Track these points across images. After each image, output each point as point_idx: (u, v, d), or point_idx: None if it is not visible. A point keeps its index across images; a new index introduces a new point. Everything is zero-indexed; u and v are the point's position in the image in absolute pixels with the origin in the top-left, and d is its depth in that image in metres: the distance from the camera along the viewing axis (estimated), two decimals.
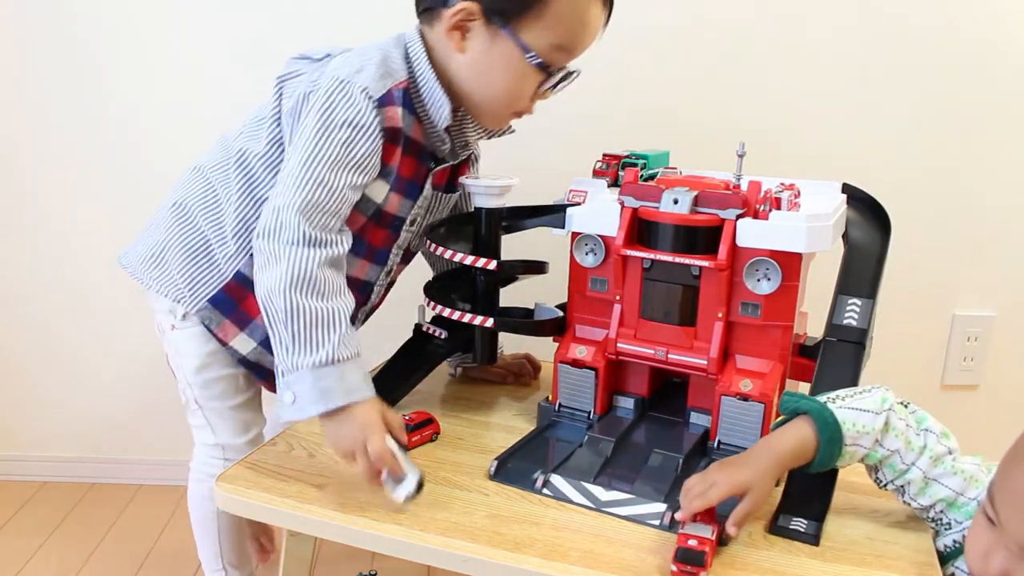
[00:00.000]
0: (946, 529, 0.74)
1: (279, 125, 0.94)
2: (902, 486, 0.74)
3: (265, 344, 0.95)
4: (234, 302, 0.95)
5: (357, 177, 0.85)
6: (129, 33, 1.33)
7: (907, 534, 0.74)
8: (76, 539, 1.32)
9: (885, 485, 0.75)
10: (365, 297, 0.99)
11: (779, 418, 0.76)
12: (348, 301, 0.83)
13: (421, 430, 0.88)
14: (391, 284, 1.05)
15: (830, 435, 0.71)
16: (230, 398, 1.00)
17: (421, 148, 0.92)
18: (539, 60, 0.87)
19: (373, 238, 0.94)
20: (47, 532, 1.33)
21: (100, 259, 1.41)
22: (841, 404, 0.73)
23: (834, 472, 0.76)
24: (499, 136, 1.00)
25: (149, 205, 1.28)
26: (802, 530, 0.72)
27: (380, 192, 0.91)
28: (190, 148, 1.36)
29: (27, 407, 1.48)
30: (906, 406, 0.75)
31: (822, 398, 0.74)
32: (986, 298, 1.49)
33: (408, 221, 0.95)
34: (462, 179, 0.95)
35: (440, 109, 0.90)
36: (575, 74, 0.92)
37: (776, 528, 0.73)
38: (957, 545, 0.72)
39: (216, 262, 0.96)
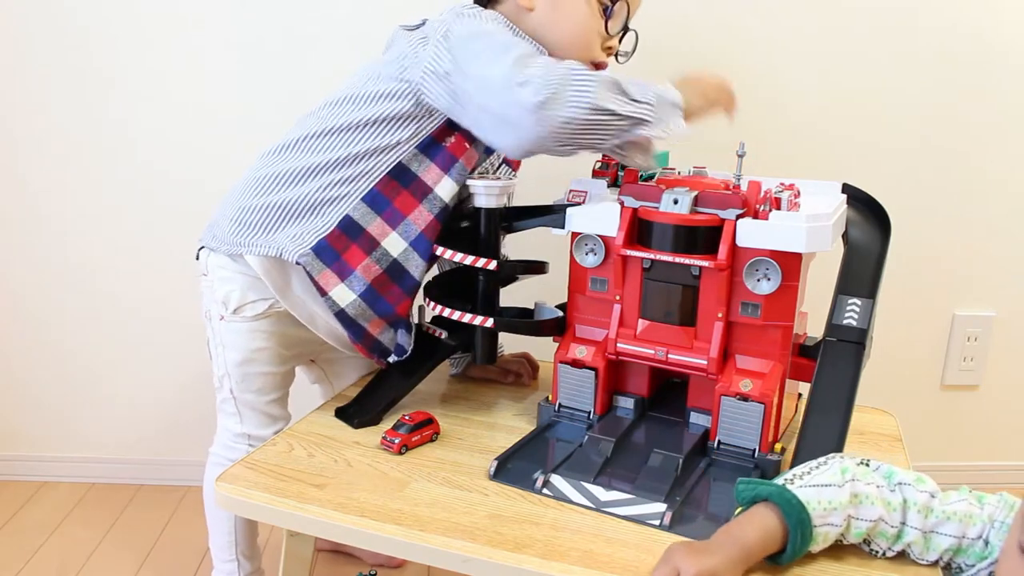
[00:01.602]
0: (959, 572, 0.70)
1: (397, 100, 0.91)
2: (903, 550, 0.69)
3: (366, 297, 0.93)
4: (336, 252, 0.92)
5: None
6: (129, 32, 1.33)
7: None
8: (76, 539, 1.32)
9: (885, 554, 0.69)
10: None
11: (738, 509, 0.70)
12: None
13: (421, 430, 0.88)
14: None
15: (797, 517, 0.65)
16: (265, 394, 1.01)
17: None
18: None
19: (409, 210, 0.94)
20: (47, 532, 1.33)
21: (100, 259, 1.41)
22: (800, 484, 0.67)
23: None
24: None
25: (150, 205, 1.28)
26: None
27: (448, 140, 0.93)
28: (190, 148, 1.37)
29: (27, 407, 1.48)
30: (867, 464, 0.71)
31: (779, 480, 0.69)
32: (986, 298, 1.49)
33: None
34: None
35: None
36: (633, 36, 0.99)
37: None
38: None
39: (322, 212, 0.93)
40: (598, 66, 0.96)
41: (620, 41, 0.98)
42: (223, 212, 0.99)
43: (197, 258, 1.02)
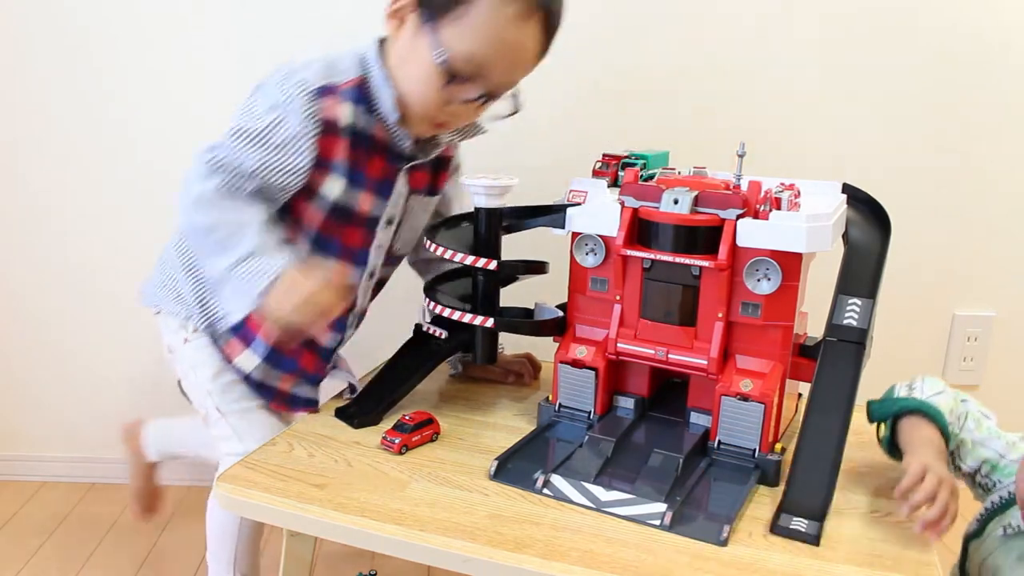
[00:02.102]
0: (993, 487, 0.81)
1: None
2: (952, 451, 0.81)
3: (269, 360, 0.98)
4: (240, 320, 0.95)
5: (274, 157, 0.89)
6: (129, 32, 1.33)
7: (907, 534, 0.74)
8: (76, 539, 1.32)
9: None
10: (350, 301, 1.00)
11: (880, 427, 0.84)
12: (255, 213, 0.87)
13: (421, 430, 0.88)
14: (379, 286, 1.06)
15: (944, 422, 0.81)
16: (249, 399, 1.01)
17: (386, 146, 0.94)
18: (443, 59, 0.87)
19: (347, 238, 0.96)
20: (47, 532, 1.33)
21: (100, 259, 1.41)
22: (924, 396, 0.83)
23: (835, 472, 0.76)
24: (471, 136, 1.02)
25: (150, 205, 1.28)
26: (802, 530, 0.72)
27: (334, 188, 0.92)
28: (191, 148, 1.36)
29: (27, 407, 1.48)
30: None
31: (901, 393, 0.84)
32: (986, 298, 1.49)
33: (383, 221, 0.97)
34: (463, 180, 0.95)
35: (386, 102, 0.91)
36: (518, 99, 0.93)
37: (776, 528, 0.73)
38: (1003, 500, 0.79)
39: None
40: (440, 125, 0.95)
41: (483, 104, 0.92)
42: (155, 271, 1.07)
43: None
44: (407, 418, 0.88)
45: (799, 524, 0.73)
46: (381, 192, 0.95)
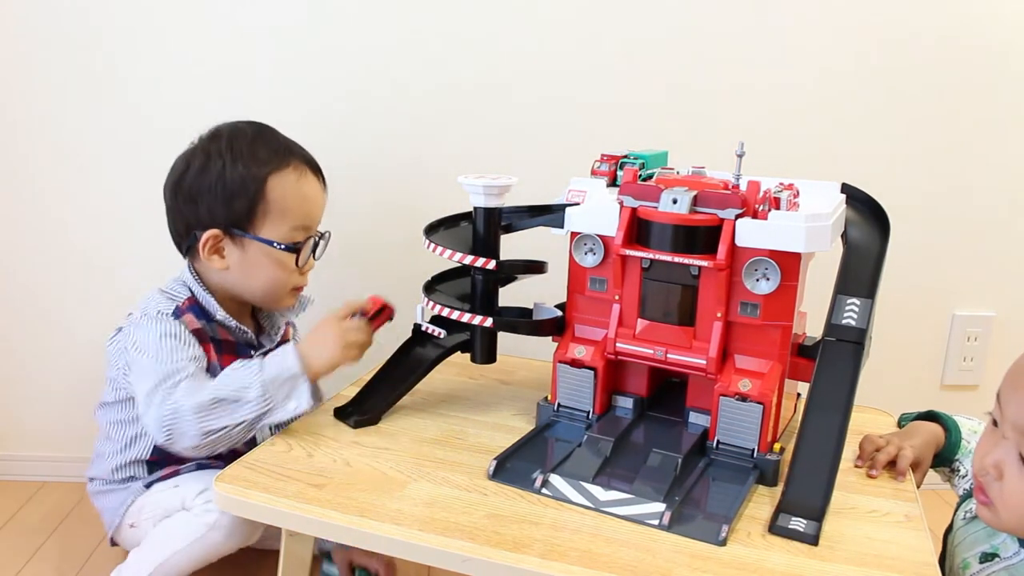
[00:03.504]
0: (962, 478, 0.88)
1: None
2: (957, 458, 0.89)
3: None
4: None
5: (189, 349, 1.00)
6: (134, 32, 1.33)
7: (906, 534, 0.74)
8: (76, 539, 1.32)
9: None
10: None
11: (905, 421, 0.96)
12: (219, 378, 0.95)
13: (379, 318, 0.98)
14: None
15: (955, 423, 0.91)
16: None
17: (235, 345, 1.08)
18: (284, 246, 1.04)
19: None
20: (47, 532, 1.33)
21: (102, 259, 1.41)
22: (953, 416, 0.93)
23: (833, 472, 0.76)
24: (303, 310, 1.17)
25: (152, 205, 1.28)
26: (801, 530, 0.72)
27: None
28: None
29: (27, 407, 1.48)
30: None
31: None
32: (986, 298, 1.49)
33: None
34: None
35: (218, 313, 1.06)
36: (327, 235, 1.11)
37: (775, 528, 0.73)
38: (966, 491, 0.85)
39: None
40: (299, 289, 1.11)
41: (315, 253, 1.10)
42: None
43: None
44: (364, 312, 0.97)
45: (798, 524, 0.73)
46: None
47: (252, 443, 0.92)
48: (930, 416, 0.93)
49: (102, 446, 1.14)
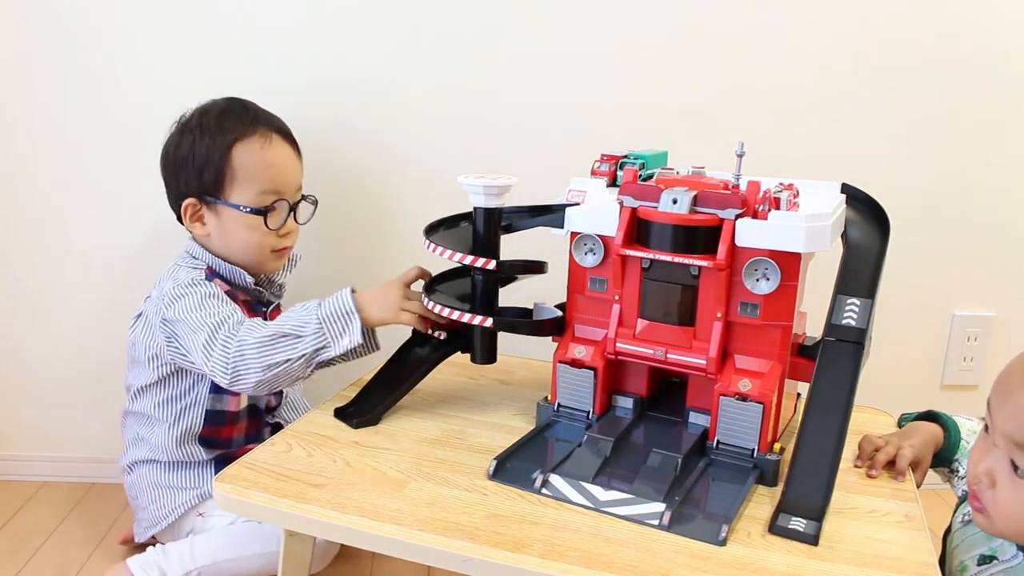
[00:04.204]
0: (961, 479, 0.88)
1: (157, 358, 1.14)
2: (956, 459, 0.89)
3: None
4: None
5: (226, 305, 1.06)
6: (137, 32, 1.33)
7: (906, 534, 0.74)
8: (76, 539, 1.32)
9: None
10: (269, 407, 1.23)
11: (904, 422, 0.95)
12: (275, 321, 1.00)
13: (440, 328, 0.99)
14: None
15: (954, 423, 0.91)
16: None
17: (252, 304, 1.16)
18: (250, 209, 1.10)
19: None
20: (47, 532, 1.33)
21: (104, 258, 1.41)
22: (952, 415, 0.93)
23: (833, 472, 0.76)
24: (294, 267, 1.24)
25: (153, 204, 1.28)
26: (801, 530, 0.72)
27: None
28: None
29: (27, 407, 1.48)
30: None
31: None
32: (986, 298, 1.49)
33: None
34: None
35: (244, 277, 1.14)
36: (310, 197, 1.17)
37: (775, 528, 0.73)
38: (965, 493, 0.83)
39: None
40: (283, 251, 1.16)
41: (297, 216, 1.16)
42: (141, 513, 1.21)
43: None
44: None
45: (798, 524, 0.73)
46: None
47: (259, 440, 0.93)
48: (930, 416, 0.93)
49: (145, 430, 1.18)
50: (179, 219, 1.16)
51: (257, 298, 1.18)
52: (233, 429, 1.18)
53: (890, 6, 1.35)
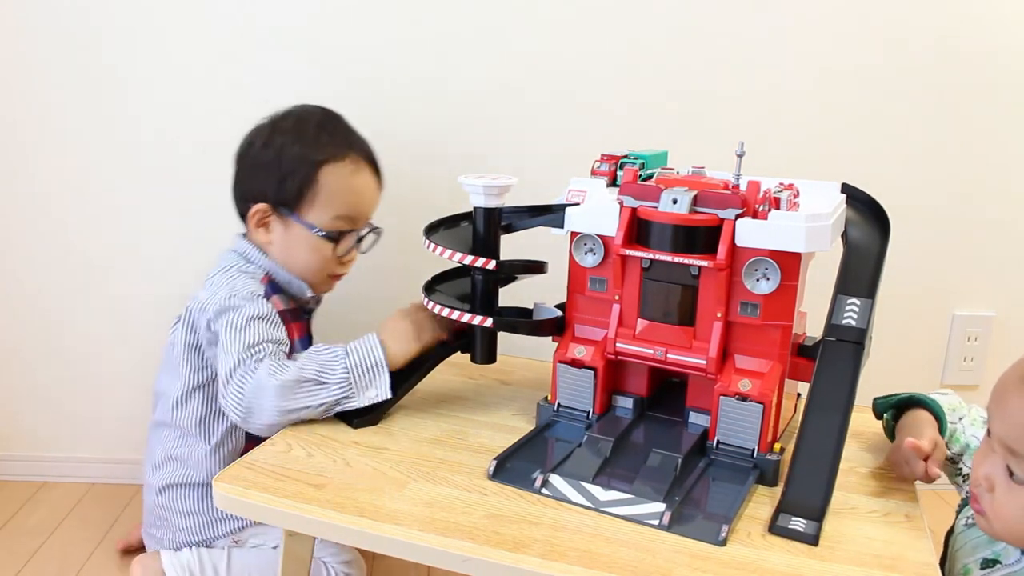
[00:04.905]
0: (965, 479, 0.85)
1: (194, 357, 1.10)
2: (946, 441, 0.86)
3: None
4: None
5: (272, 328, 1.01)
6: (138, 32, 1.33)
7: (906, 534, 0.74)
8: (76, 539, 1.32)
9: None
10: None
11: (885, 417, 0.92)
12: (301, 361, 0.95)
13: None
14: None
15: (940, 410, 0.87)
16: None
17: (298, 311, 1.13)
18: (323, 233, 1.07)
19: None
20: (47, 532, 1.33)
21: (106, 258, 1.41)
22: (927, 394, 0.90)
23: (833, 472, 0.76)
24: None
25: (156, 205, 1.28)
26: (801, 530, 0.72)
27: None
28: (197, 146, 1.36)
29: (27, 407, 1.48)
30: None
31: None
32: (986, 298, 1.49)
33: None
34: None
35: (301, 288, 1.11)
36: (378, 230, 1.13)
37: (775, 528, 0.73)
38: (968, 494, 0.80)
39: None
40: (337, 277, 1.15)
41: (361, 243, 1.13)
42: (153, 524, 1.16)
43: None
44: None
45: (798, 524, 0.73)
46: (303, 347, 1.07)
47: (258, 441, 0.92)
48: (913, 402, 0.90)
49: (181, 450, 1.12)
50: (240, 216, 1.12)
51: (303, 307, 1.14)
52: None
53: (890, 6, 1.35)
